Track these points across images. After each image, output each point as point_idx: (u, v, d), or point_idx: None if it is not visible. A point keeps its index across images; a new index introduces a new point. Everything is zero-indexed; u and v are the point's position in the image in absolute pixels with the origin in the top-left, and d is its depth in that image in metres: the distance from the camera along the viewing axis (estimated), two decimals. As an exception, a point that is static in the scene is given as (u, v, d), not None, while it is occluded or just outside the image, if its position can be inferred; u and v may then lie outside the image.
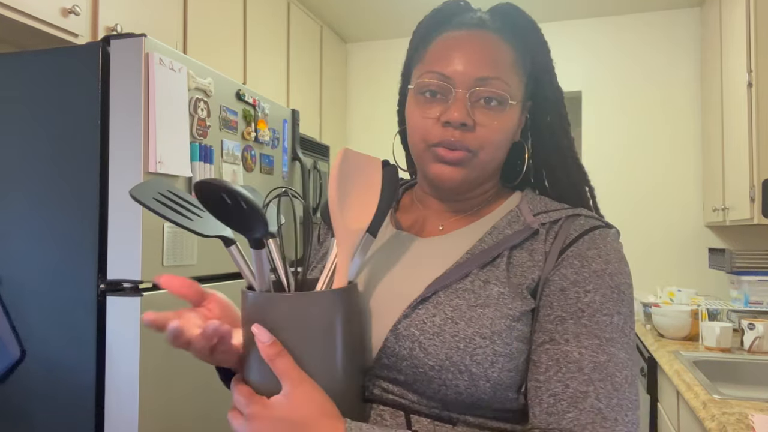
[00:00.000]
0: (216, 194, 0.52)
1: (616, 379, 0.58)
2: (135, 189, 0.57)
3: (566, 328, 0.60)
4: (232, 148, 1.65)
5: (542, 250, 0.65)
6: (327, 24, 3.31)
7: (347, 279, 0.61)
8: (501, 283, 0.63)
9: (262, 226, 0.55)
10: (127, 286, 1.32)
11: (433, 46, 0.70)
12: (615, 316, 0.61)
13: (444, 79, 0.67)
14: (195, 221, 0.59)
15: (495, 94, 0.66)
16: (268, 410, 0.55)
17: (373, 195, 0.64)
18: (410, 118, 0.71)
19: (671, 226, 3.09)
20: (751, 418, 1.36)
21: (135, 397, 1.29)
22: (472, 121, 0.66)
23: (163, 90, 1.36)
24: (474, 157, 0.67)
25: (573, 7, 3.11)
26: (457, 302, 0.62)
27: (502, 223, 0.69)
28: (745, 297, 2.47)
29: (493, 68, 0.67)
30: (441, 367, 0.59)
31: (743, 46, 2.24)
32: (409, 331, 0.62)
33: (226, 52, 2.32)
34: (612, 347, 0.59)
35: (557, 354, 0.59)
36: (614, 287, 0.62)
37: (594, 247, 0.64)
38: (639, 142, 3.16)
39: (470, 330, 0.60)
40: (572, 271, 0.63)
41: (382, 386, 0.64)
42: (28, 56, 1.42)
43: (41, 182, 1.38)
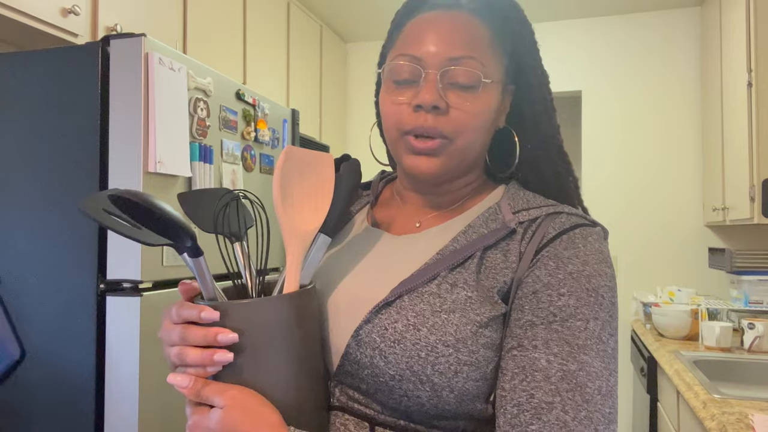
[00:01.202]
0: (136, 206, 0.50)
1: (586, 390, 0.53)
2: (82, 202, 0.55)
3: (536, 333, 0.56)
4: (232, 147, 1.65)
5: (517, 250, 0.61)
6: (327, 24, 3.31)
7: (297, 283, 0.58)
8: (469, 286, 0.58)
9: (186, 235, 0.53)
10: (127, 286, 1.32)
11: (406, 29, 0.66)
12: (591, 322, 0.56)
13: (415, 61, 0.63)
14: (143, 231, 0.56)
15: (469, 73, 0.62)
16: (205, 422, 0.53)
17: (326, 193, 0.61)
18: (382, 106, 0.67)
19: (671, 225, 3.09)
20: (751, 417, 1.36)
21: (135, 397, 1.29)
22: (445, 103, 0.62)
23: (162, 90, 1.36)
24: (450, 143, 0.63)
25: (573, 7, 3.11)
26: (421, 307, 0.58)
27: (478, 221, 0.65)
28: (745, 297, 2.47)
29: (467, 47, 0.62)
30: (401, 377, 0.56)
31: (743, 45, 2.24)
32: (371, 337, 0.58)
33: (226, 52, 2.32)
34: (584, 355, 0.54)
35: (524, 361, 0.55)
36: (591, 290, 0.57)
37: (572, 247, 0.59)
38: (639, 141, 3.16)
39: (432, 337, 0.56)
40: (546, 272, 0.58)
41: (348, 393, 0.61)
42: (28, 56, 1.42)
43: (41, 182, 1.38)
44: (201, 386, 0.54)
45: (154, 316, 1.34)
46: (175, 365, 0.56)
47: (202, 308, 0.53)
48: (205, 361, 0.53)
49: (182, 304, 0.56)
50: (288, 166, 0.59)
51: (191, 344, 0.54)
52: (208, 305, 0.54)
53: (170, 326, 0.56)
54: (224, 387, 0.54)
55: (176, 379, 0.54)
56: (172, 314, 0.56)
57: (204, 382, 0.54)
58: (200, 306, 0.54)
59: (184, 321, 0.55)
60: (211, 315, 0.53)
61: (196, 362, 0.53)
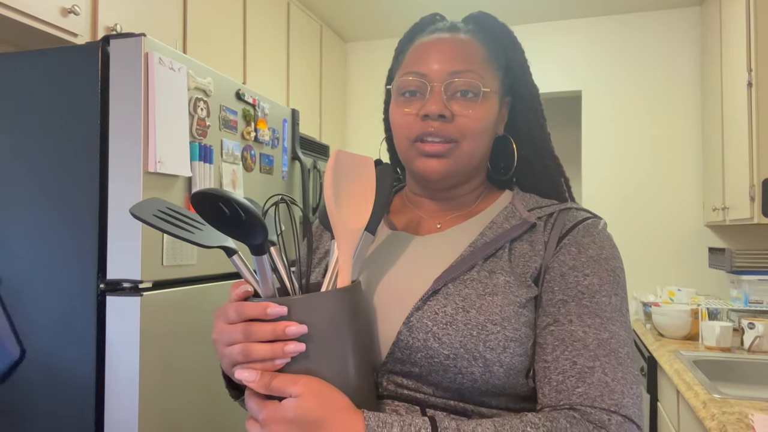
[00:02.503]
0: (213, 204, 0.53)
1: (619, 355, 0.61)
2: (135, 207, 0.58)
3: (569, 309, 0.64)
4: (232, 147, 1.65)
5: (542, 240, 0.69)
6: (327, 24, 3.31)
7: (350, 278, 0.62)
8: (505, 272, 0.66)
9: (261, 232, 0.55)
10: (127, 286, 1.32)
11: (410, 51, 0.75)
12: (613, 297, 0.64)
13: (420, 77, 0.71)
14: (196, 233, 0.60)
15: (468, 84, 0.70)
16: (280, 412, 0.55)
17: (369, 194, 0.66)
18: (393, 118, 0.74)
19: (671, 225, 3.09)
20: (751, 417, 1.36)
21: (135, 397, 1.29)
22: (450, 112, 0.69)
23: (162, 90, 1.36)
24: (456, 147, 0.70)
25: (573, 7, 3.10)
26: (466, 292, 0.64)
27: (499, 218, 0.72)
28: (745, 296, 2.47)
29: (466, 62, 0.71)
30: (456, 355, 0.61)
31: (743, 45, 2.24)
32: (422, 322, 0.63)
33: (226, 52, 2.32)
34: (613, 325, 0.62)
35: (562, 334, 0.62)
36: (610, 270, 0.66)
37: (588, 235, 0.68)
38: (639, 141, 3.16)
39: (481, 317, 0.62)
40: (570, 257, 0.67)
41: (395, 381, 0.66)
42: (28, 56, 1.42)
43: (41, 182, 1.38)
44: (270, 379, 0.55)
45: (154, 316, 1.34)
46: (234, 363, 0.57)
47: (267, 304, 0.56)
48: (276, 354, 0.55)
49: (241, 303, 0.57)
50: (337, 168, 0.63)
51: (258, 340, 0.56)
52: (273, 301, 0.56)
53: (227, 326, 0.58)
54: (295, 377, 0.56)
55: (244, 375, 0.55)
56: (230, 314, 0.58)
57: (272, 375, 0.56)
58: (266, 303, 0.56)
59: (245, 319, 0.57)
60: (279, 310, 0.55)
61: (266, 356, 0.55)
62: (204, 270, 1.53)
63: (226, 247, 0.61)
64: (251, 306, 0.56)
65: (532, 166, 0.79)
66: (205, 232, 0.62)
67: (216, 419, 1.56)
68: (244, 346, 0.56)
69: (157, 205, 0.61)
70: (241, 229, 0.55)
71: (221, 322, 0.59)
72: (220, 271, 1.60)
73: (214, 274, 1.58)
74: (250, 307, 0.56)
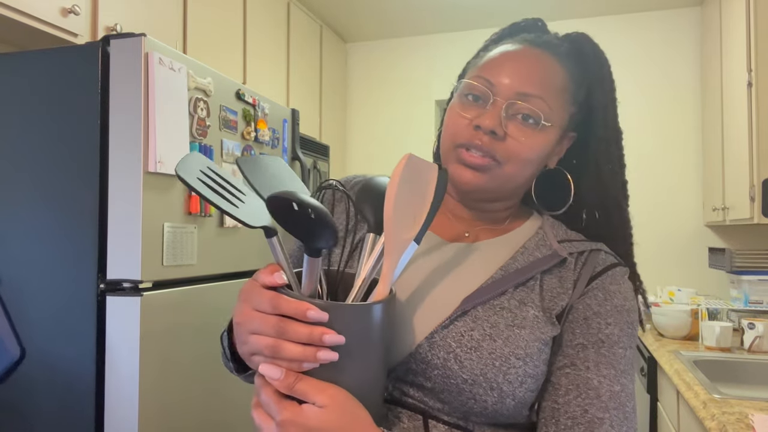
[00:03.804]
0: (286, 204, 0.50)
1: (626, 409, 0.62)
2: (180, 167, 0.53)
3: (587, 355, 0.64)
4: (232, 147, 1.65)
5: (571, 278, 0.68)
6: (327, 24, 3.31)
7: (389, 288, 0.59)
8: (536, 306, 0.65)
9: (330, 239, 0.53)
10: (127, 286, 1.32)
11: (491, 54, 0.71)
12: (628, 350, 0.65)
13: (488, 85, 0.68)
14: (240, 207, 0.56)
15: (532, 111, 0.66)
16: (302, 418, 0.52)
17: (426, 203, 0.62)
18: (448, 115, 0.72)
19: (671, 225, 3.08)
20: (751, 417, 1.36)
21: (135, 397, 1.29)
22: (503, 131, 0.66)
23: (162, 90, 1.36)
24: (498, 167, 0.67)
25: (573, 7, 3.10)
26: (495, 319, 0.64)
27: (531, 243, 0.71)
28: (745, 296, 2.47)
29: (538, 87, 0.67)
30: (474, 381, 0.60)
31: (743, 45, 2.24)
32: (446, 341, 0.62)
33: (226, 52, 2.32)
34: (624, 378, 0.63)
35: (578, 380, 0.62)
36: (630, 323, 0.66)
37: (615, 283, 0.68)
38: (638, 141, 3.15)
39: (507, 349, 0.61)
40: (596, 302, 0.66)
41: (401, 389, 0.65)
42: (28, 56, 1.42)
43: (41, 182, 1.38)
44: (294, 380, 0.53)
45: (154, 316, 1.34)
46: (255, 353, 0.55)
47: (309, 306, 0.52)
48: (307, 358, 0.52)
49: (278, 296, 0.54)
50: (405, 175, 0.60)
51: (290, 339, 0.52)
52: (315, 304, 0.53)
53: (257, 314, 0.54)
54: (323, 385, 0.53)
55: (268, 370, 0.53)
56: (263, 304, 0.54)
57: (298, 376, 0.53)
58: (307, 304, 0.52)
59: (279, 313, 0.53)
60: (320, 316, 0.52)
61: (296, 357, 0.52)
62: (204, 270, 1.53)
63: (266, 227, 0.56)
64: (290, 303, 0.53)
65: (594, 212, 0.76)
66: (247, 206, 0.57)
67: (215, 418, 1.56)
68: (275, 341, 0.52)
69: (199, 164, 0.56)
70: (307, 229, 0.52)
71: (249, 306, 0.55)
72: (220, 272, 1.60)
73: (214, 274, 1.58)
74: (289, 303, 0.52)
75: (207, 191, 0.53)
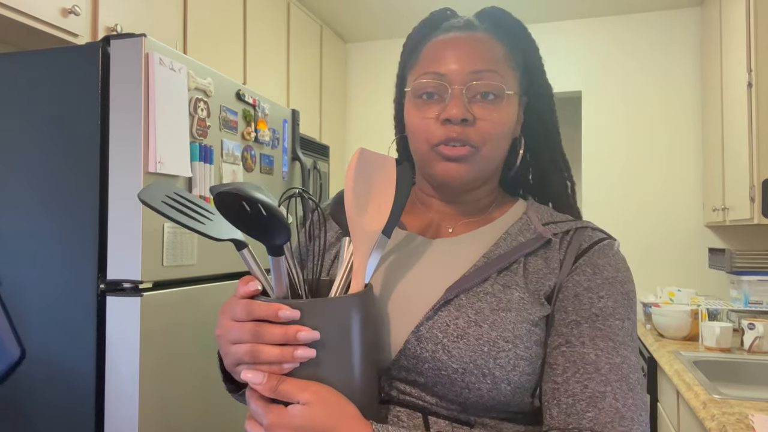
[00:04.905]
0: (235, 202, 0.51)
1: (630, 381, 0.60)
2: (143, 192, 0.55)
3: (581, 331, 0.62)
4: (232, 148, 1.65)
5: (557, 257, 0.67)
6: (327, 24, 3.31)
7: (364, 282, 0.60)
8: (520, 288, 0.65)
9: (284, 234, 0.53)
10: (127, 286, 1.32)
11: (426, 50, 0.72)
12: (626, 321, 0.63)
13: (439, 78, 0.68)
14: (207, 224, 0.57)
15: (491, 86, 0.67)
16: (287, 419, 0.53)
17: (388, 195, 0.63)
18: (410, 122, 0.71)
19: (671, 226, 3.09)
20: (751, 418, 1.36)
21: (135, 397, 1.29)
22: (472, 115, 0.67)
23: (163, 90, 1.36)
24: (477, 152, 0.68)
25: (573, 7, 3.10)
26: (479, 305, 0.63)
27: (513, 229, 0.70)
28: (745, 297, 2.47)
29: (486, 62, 0.68)
30: (465, 370, 0.60)
31: (743, 46, 2.24)
32: (432, 333, 0.62)
33: (226, 52, 2.32)
34: (625, 350, 0.62)
35: (574, 356, 0.61)
36: (624, 294, 0.65)
37: (604, 257, 0.67)
38: (639, 142, 3.16)
39: (494, 333, 0.61)
40: (585, 278, 0.65)
41: (398, 388, 0.64)
42: (28, 56, 1.42)
43: (41, 182, 1.38)
44: (277, 382, 0.53)
45: (154, 316, 1.34)
46: (239, 362, 0.56)
47: (280, 306, 0.53)
48: (285, 358, 0.53)
49: (250, 302, 0.55)
50: (359, 167, 0.61)
51: (267, 342, 0.53)
52: (286, 303, 0.54)
53: (234, 324, 0.56)
54: (305, 383, 0.54)
55: (249, 376, 0.53)
56: (238, 312, 0.55)
57: (280, 378, 0.54)
58: (278, 304, 0.53)
59: (254, 319, 0.54)
60: (292, 314, 0.53)
61: (275, 359, 0.53)
62: (204, 270, 1.53)
63: (236, 240, 0.58)
64: (262, 306, 0.54)
65: (547, 167, 0.77)
66: (215, 223, 0.59)
67: (216, 419, 1.56)
68: (252, 346, 0.54)
69: (166, 190, 0.57)
70: (262, 229, 0.53)
71: (227, 318, 0.57)
72: (220, 272, 1.60)
73: (214, 275, 1.58)
74: (261, 307, 0.54)
75: (171, 211, 0.55)
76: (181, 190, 0.59)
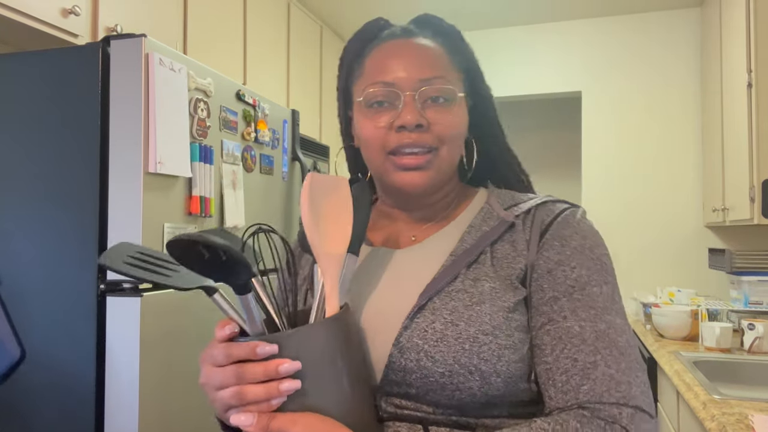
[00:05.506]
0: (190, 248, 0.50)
1: (619, 344, 0.59)
2: (104, 257, 0.56)
3: (561, 305, 0.62)
4: (232, 148, 1.65)
5: (523, 239, 0.67)
6: (327, 24, 3.31)
7: (338, 304, 0.60)
8: (490, 278, 0.64)
9: (245, 271, 0.53)
10: (127, 286, 1.32)
11: (369, 61, 0.72)
12: (603, 286, 0.63)
13: (389, 86, 0.68)
14: (173, 276, 0.58)
15: (441, 91, 0.68)
16: None
17: (347, 215, 0.64)
18: (363, 132, 0.71)
19: (671, 226, 3.09)
20: (751, 418, 1.36)
21: (135, 397, 1.29)
22: (426, 120, 0.67)
23: (163, 90, 1.36)
24: (435, 155, 0.68)
25: (573, 7, 3.10)
26: (453, 305, 0.62)
27: (477, 220, 0.70)
28: (745, 297, 2.47)
29: (433, 68, 0.68)
30: (451, 372, 0.59)
31: (743, 46, 2.24)
32: (412, 342, 0.61)
33: (226, 52, 2.32)
34: (608, 315, 0.61)
35: (559, 332, 0.61)
36: (596, 259, 0.64)
37: (569, 227, 0.66)
38: (639, 142, 3.16)
39: (472, 329, 0.60)
40: (554, 252, 0.65)
41: (394, 403, 0.64)
42: (28, 56, 1.42)
43: (41, 182, 1.38)
44: (268, 420, 0.53)
45: (155, 316, 1.34)
46: (228, 407, 0.55)
47: (256, 344, 0.53)
48: (271, 394, 0.53)
49: (228, 345, 0.55)
50: (312, 192, 0.61)
51: (249, 381, 0.53)
52: (262, 339, 0.54)
53: (216, 370, 0.56)
54: (295, 416, 0.53)
55: (240, 419, 0.53)
56: (218, 357, 0.55)
57: (270, 416, 0.53)
58: (254, 342, 0.53)
59: (234, 361, 0.54)
60: (269, 349, 0.53)
61: (261, 397, 0.53)
62: (204, 270, 1.53)
63: (205, 287, 0.58)
64: (239, 346, 0.54)
65: (497, 164, 0.79)
66: (182, 274, 0.59)
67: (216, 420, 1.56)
68: (238, 389, 0.53)
69: (127, 250, 0.58)
70: (223, 270, 0.52)
71: (209, 365, 0.57)
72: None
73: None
74: (239, 348, 0.54)
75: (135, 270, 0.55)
76: (143, 248, 0.60)
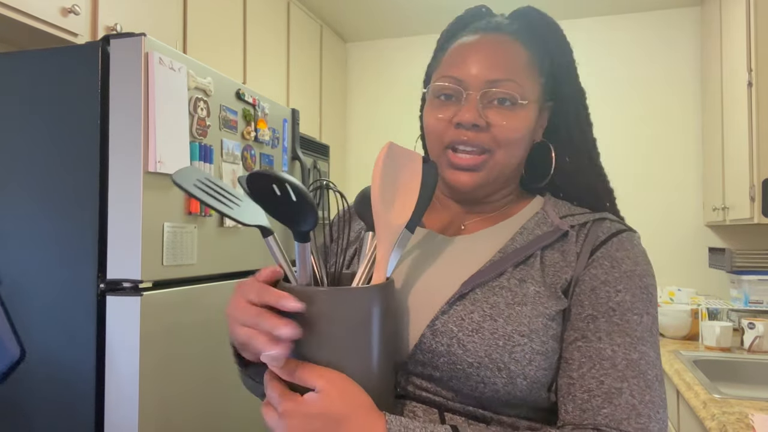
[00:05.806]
0: (266, 185, 0.51)
1: (648, 377, 0.59)
2: (176, 175, 0.56)
3: (598, 326, 0.61)
4: (232, 147, 1.65)
5: (574, 250, 0.66)
6: (327, 24, 3.31)
7: (386, 274, 0.60)
8: (536, 282, 0.64)
9: (312, 219, 0.53)
10: (127, 285, 1.32)
11: (450, 52, 0.72)
12: (644, 316, 0.62)
13: (457, 82, 0.69)
14: (235, 209, 0.58)
15: (506, 94, 0.67)
16: (302, 407, 0.53)
17: (414, 190, 0.63)
18: (426, 121, 0.72)
19: (671, 225, 3.08)
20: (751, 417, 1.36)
21: (135, 397, 1.29)
22: (484, 121, 0.67)
23: (162, 89, 1.36)
24: (490, 157, 0.68)
25: (572, 6, 3.10)
26: (494, 300, 0.62)
27: (530, 224, 0.70)
28: (745, 296, 2.47)
29: (505, 70, 0.68)
30: (480, 364, 0.59)
31: (743, 45, 2.24)
32: (447, 327, 0.62)
33: (226, 52, 2.32)
34: (643, 346, 0.60)
35: (590, 351, 0.60)
36: (643, 288, 0.63)
37: (622, 249, 0.66)
38: (639, 141, 3.16)
39: (509, 328, 0.60)
40: (603, 271, 0.64)
41: (415, 383, 0.64)
42: (28, 56, 1.42)
43: (41, 182, 1.38)
44: (295, 366, 0.54)
45: (154, 315, 1.34)
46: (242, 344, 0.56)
47: (284, 296, 0.53)
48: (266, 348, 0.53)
49: (264, 286, 0.55)
50: (387, 160, 0.61)
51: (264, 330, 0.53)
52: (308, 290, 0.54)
53: (243, 306, 0.56)
54: (321, 370, 0.54)
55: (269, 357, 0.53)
56: (250, 293, 0.55)
57: (298, 363, 0.54)
58: (283, 293, 0.54)
59: (263, 303, 0.55)
60: (293, 305, 0.53)
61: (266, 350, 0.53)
62: (203, 270, 1.53)
63: (263, 227, 0.58)
64: (271, 292, 0.54)
65: (572, 174, 0.76)
66: (243, 209, 0.59)
67: (216, 418, 1.56)
68: (250, 333, 0.54)
69: (196, 174, 0.58)
70: (291, 214, 0.53)
71: (240, 297, 0.57)
72: (219, 271, 1.60)
73: (214, 274, 1.58)
74: (269, 294, 0.54)
75: (202, 195, 0.56)
76: (211, 176, 0.60)
